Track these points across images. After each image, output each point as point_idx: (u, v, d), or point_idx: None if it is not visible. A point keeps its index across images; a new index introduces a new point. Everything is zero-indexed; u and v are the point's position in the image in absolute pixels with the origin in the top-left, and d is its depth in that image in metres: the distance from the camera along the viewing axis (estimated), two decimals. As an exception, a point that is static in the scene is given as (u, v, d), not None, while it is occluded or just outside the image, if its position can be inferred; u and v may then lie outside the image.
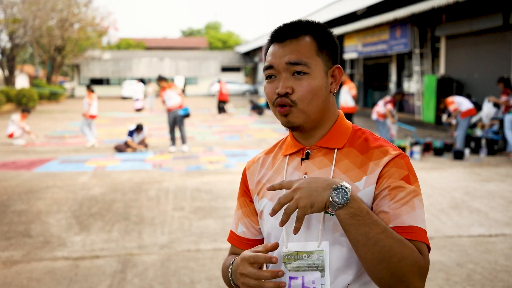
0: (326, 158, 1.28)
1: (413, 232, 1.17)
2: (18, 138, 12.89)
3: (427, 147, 10.40)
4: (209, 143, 12.54)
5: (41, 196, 6.99)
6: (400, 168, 1.22)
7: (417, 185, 1.23)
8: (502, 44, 13.38)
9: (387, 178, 1.21)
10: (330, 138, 1.30)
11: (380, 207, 1.20)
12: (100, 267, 4.42)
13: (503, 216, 5.85)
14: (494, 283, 3.99)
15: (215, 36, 60.27)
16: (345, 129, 1.32)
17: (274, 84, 1.28)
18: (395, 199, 1.19)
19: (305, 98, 1.25)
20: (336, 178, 1.21)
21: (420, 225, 1.19)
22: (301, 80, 1.25)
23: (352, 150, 1.28)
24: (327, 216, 1.23)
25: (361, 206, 1.14)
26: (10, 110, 23.28)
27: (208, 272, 4.28)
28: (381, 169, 1.22)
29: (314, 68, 1.26)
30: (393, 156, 1.23)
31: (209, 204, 6.53)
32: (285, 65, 1.26)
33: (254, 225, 1.41)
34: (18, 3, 28.83)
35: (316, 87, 1.26)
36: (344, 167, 1.26)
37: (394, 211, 1.18)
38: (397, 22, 17.02)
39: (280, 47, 1.28)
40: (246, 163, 1.48)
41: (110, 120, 19.26)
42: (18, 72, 32.85)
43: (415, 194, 1.21)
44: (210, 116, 20.81)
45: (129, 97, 33.84)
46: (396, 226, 1.17)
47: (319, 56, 1.28)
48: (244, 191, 1.44)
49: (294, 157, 1.33)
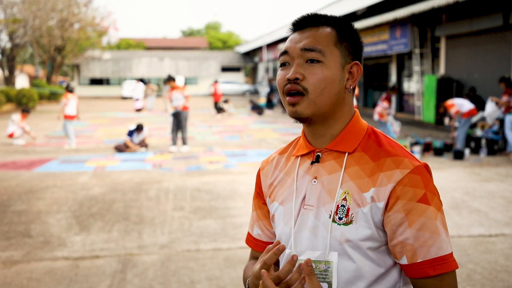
0: (337, 162, 1.22)
1: (443, 264, 1.13)
2: (18, 138, 12.89)
3: (427, 147, 10.40)
4: (209, 143, 12.54)
5: (41, 196, 6.99)
6: (415, 187, 1.13)
7: (436, 201, 1.15)
8: (502, 44, 13.38)
9: (401, 199, 1.13)
10: (341, 140, 1.23)
11: (399, 235, 1.14)
12: (100, 267, 4.42)
13: (503, 216, 5.85)
14: (494, 283, 3.99)
15: (215, 36, 60.27)
16: (359, 131, 1.25)
17: (286, 71, 1.23)
18: (415, 226, 1.13)
19: (317, 86, 1.18)
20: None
21: (447, 251, 1.14)
22: (313, 68, 1.19)
23: (363, 155, 1.21)
24: (334, 225, 1.18)
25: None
26: (10, 110, 23.28)
27: (208, 272, 4.28)
28: (393, 185, 1.14)
29: (330, 58, 1.20)
30: (407, 171, 1.14)
31: (209, 204, 6.53)
32: (299, 51, 1.21)
33: (268, 228, 1.37)
34: (18, 3, 28.84)
35: (329, 77, 1.19)
36: (354, 174, 1.19)
37: (419, 243, 1.13)
38: (397, 22, 17.02)
39: (299, 34, 1.24)
40: (261, 163, 1.42)
41: (110, 120, 19.26)
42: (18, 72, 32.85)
43: (435, 216, 1.14)
44: (209, 116, 20.81)
45: (129, 97, 33.85)
46: (425, 260, 1.13)
47: (337, 48, 1.22)
48: (257, 193, 1.40)
49: (305, 159, 1.28)
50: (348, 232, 1.16)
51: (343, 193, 1.19)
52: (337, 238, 1.17)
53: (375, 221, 1.16)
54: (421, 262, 1.13)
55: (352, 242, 1.16)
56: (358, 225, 1.16)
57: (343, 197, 1.19)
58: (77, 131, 14.99)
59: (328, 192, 1.21)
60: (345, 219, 1.17)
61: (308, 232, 1.21)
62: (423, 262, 1.13)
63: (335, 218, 1.18)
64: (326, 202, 1.20)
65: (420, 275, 1.14)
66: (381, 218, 1.16)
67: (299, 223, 1.24)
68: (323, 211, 1.20)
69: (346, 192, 1.19)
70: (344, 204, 1.18)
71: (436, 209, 1.15)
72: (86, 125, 17.50)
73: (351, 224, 1.17)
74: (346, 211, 1.18)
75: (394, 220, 1.14)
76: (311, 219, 1.21)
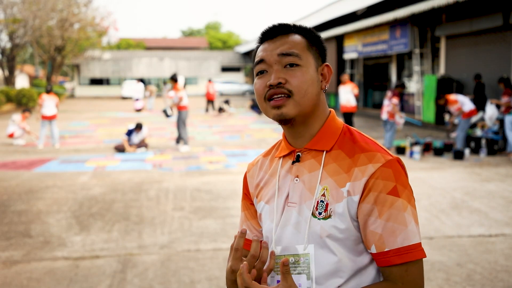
0: (316, 160, 1.28)
1: (408, 253, 1.18)
2: (18, 138, 12.90)
3: (427, 147, 10.40)
4: (209, 143, 12.54)
5: (41, 196, 6.99)
6: (386, 179, 1.20)
7: (406, 194, 1.21)
8: (502, 44, 13.38)
9: (373, 191, 1.19)
10: (319, 139, 1.29)
11: (370, 225, 1.20)
12: (100, 267, 4.42)
13: (503, 216, 5.85)
14: (494, 283, 3.99)
15: (215, 36, 60.27)
16: (335, 129, 1.30)
17: (265, 78, 1.26)
18: (384, 216, 1.19)
19: (301, 88, 1.23)
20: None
21: (413, 241, 1.19)
22: (293, 71, 1.24)
23: (340, 152, 1.27)
24: (314, 220, 1.24)
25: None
26: (10, 110, 23.29)
27: (208, 272, 4.28)
28: (366, 179, 1.20)
29: (306, 61, 1.26)
30: (379, 165, 1.21)
31: (209, 204, 6.53)
32: (276, 57, 1.25)
33: (256, 227, 1.42)
34: (18, 3, 28.84)
35: (309, 79, 1.25)
36: (332, 171, 1.25)
37: (387, 233, 1.18)
38: (397, 22, 17.02)
39: (271, 43, 1.28)
40: (247, 166, 1.49)
41: (110, 120, 19.26)
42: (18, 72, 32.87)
43: (404, 208, 1.19)
44: (210, 116, 20.81)
45: (129, 97, 33.85)
46: (391, 249, 1.18)
47: (310, 51, 1.28)
48: (245, 194, 1.46)
49: (287, 159, 1.34)
50: (328, 226, 1.22)
51: (322, 189, 1.25)
52: (317, 232, 1.23)
53: (351, 214, 1.22)
54: (387, 251, 1.19)
55: (332, 235, 1.22)
56: (336, 219, 1.22)
57: (322, 193, 1.25)
58: (77, 131, 15.00)
59: (308, 190, 1.27)
60: (324, 213, 1.23)
61: (292, 228, 1.27)
62: (389, 251, 1.19)
63: (315, 213, 1.24)
64: (307, 198, 1.26)
65: (387, 263, 1.20)
66: (356, 210, 1.22)
67: (283, 219, 1.30)
68: (305, 207, 1.26)
69: (325, 188, 1.25)
70: (323, 199, 1.24)
71: (406, 201, 1.20)
72: (86, 125, 17.50)
73: (329, 218, 1.23)
74: (325, 206, 1.24)
75: (365, 211, 1.21)
76: (294, 216, 1.28)
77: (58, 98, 12.46)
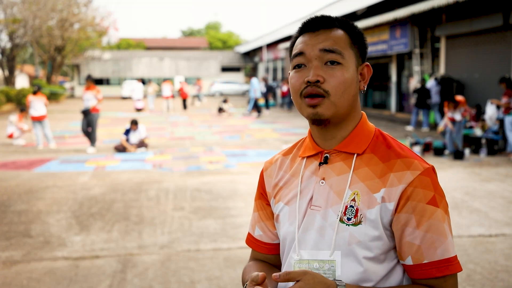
0: (345, 163, 1.22)
1: (448, 266, 1.14)
2: (18, 138, 12.89)
3: (427, 147, 10.40)
4: (209, 143, 12.54)
5: (41, 196, 6.99)
6: (425, 188, 1.15)
7: (444, 204, 1.17)
8: (502, 44, 13.38)
9: (411, 200, 1.14)
10: (350, 141, 1.23)
11: (407, 236, 1.15)
12: (100, 267, 4.42)
13: (503, 216, 5.85)
14: (494, 283, 3.99)
15: (215, 36, 60.26)
16: (368, 132, 1.25)
17: (303, 73, 1.20)
18: (423, 227, 1.14)
19: (338, 89, 1.18)
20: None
21: (453, 253, 1.15)
22: (334, 70, 1.18)
23: (373, 156, 1.21)
24: (342, 226, 1.18)
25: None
26: (10, 110, 23.29)
27: (208, 272, 4.28)
28: (404, 187, 1.15)
29: (348, 60, 1.20)
30: (418, 173, 1.15)
31: (209, 204, 6.53)
32: (318, 52, 1.19)
33: (271, 229, 1.36)
34: (18, 3, 28.83)
35: (348, 79, 1.19)
36: (363, 175, 1.19)
37: (426, 244, 1.14)
38: (397, 22, 17.02)
39: (313, 36, 1.22)
40: (264, 164, 1.42)
41: (110, 120, 19.25)
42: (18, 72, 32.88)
43: (443, 218, 1.16)
44: (210, 116, 20.82)
45: (129, 97, 33.84)
46: (430, 261, 1.14)
47: (352, 50, 1.22)
48: (261, 193, 1.39)
49: (312, 160, 1.27)
50: (357, 232, 1.17)
51: (352, 194, 1.19)
52: (345, 239, 1.18)
53: (383, 222, 1.16)
54: (426, 263, 1.14)
55: (362, 243, 1.16)
56: (367, 226, 1.16)
57: (352, 198, 1.19)
58: (77, 131, 14.98)
59: (336, 193, 1.21)
60: (354, 219, 1.17)
61: (315, 233, 1.21)
62: (428, 264, 1.14)
63: (343, 219, 1.18)
64: (334, 203, 1.20)
65: (425, 276, 1.15)
66: (390, 219, 1.17)
67: (305, 223, 1.23)
68: (331, 211, 1.20)
69: (356, 193, 1.19)
70: (353, 204, 1.18)
71: (444, 212, 1.17)
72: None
73: (360, 225, 1.17)
74: (355, 211, 1.18)
75: (403, 221, 1.15)
76: (318, 220, 1.22)
77: (45, 98, 12.36)
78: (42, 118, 11.98)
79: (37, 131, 12.05)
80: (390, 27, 17.84)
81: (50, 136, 12.09)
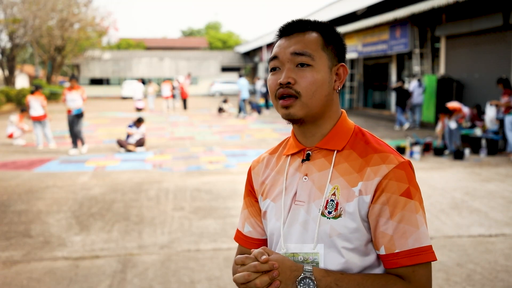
0: (326, 160, 1.28)
1: (419, 255, 1.17)
2: (18, 138, 12.89)
3: (427, 147, 10.40)
4: (209, 143, 12.54)
5: (41, 196, 6.99)
6: (400, 181, 1.20)
7: (418, 196, 1.21)
8: (502, 44, 13.38)
9: (385, 192, 1.19)
10: (330, 138, 1.29)
11: (380, 226, 1.19)
12: (100, 267, 4.42)
13: (503, 216, 5.85)
14: (494, 283, 3.99)
15: (215, 36, 60.27)
16: (347, 130, 1.31)
17: (277, 75, 1.27)
18: (396, 218, 1.18)
19: (309, 89, 1.23)
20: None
21: (424, 243, 1.18)
22: (304, 72, 1.24)
23: (352, 152, 1.27)
24: (323, 219, 1.23)
25: (327, 283, 1.16)
26: (10, 110, 23.29)
27: (208, 272, 4.28)
28: (379, 179, 1.20)
29: (318, 62, 1.25)
30: (392, 166, 1.21)
31: (209, 204, 6.53)
32: (289, 55, 1.25)
33: (260, 224, 1.42)
34: (18, 3, 28.84)
35: (319, 80, 1.24)
36: (343, 170, 1.25)
37: (398, 234, 1.18)
38: (397, 22, 17.02)
39: (287, 40, 1.28)
40: (252, 162, 1.48)
41: (110, 120, 19.26)
42: (18, 72, 32.88)
43: (417, 210, 1.19)
44: (210, 116, 20.82)
45: (129, 97, 33.84)
46: (401, 251, 1.17)
47: (324, 51, 1.27)
48: (249, 191, 1.45)
49: (296, 158, 1.33)
50: (337, 225, 1.22)
51: (333, 189, 1.24)
52: (326, 232, 1.23)
53: (361, 214, 1.21)
54: (397, 253, 1.18)
55: (342, 235, 1.21)
56: (346, 218, 1.21)
57: (332, 192, 1.24)
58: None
59: (318, 188, 1.26)
60: (334, 213, 1.23)
61: (299, 226, 1.27)
62: (399, 253, 1.18)
63: (324, 212, 1.23)
64: (316, 197, 1.26)
65: (395, 265, 1.19)
66: (367, 211, 1.22)
67: (290, 218, 1.29)
68: (313, 206, 1.26)
69: (336, 188, 1.24)
70: (333, 199, 1.23)
71: (418, 203, 1.21)
72: (86, 125, 17.48)
73: (340, 218, 1.22)
74: (335, 205, 1.23)
75: (377, 212, 1.20)
76: (302, 214, 1.27)
77: (44, 97, 12.30)
78: (42, 118, 11.96)
79: (37, 131, 12.04)
80: (390, 27, 17.84)
81: (50, 136, 12.08)
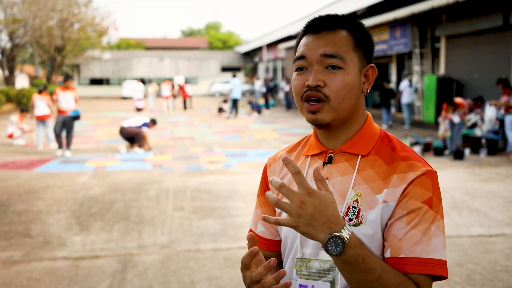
0: (349, 164, 1.22)
1: (425, 265, 1.11)
2: (18, 138, 12.90)
3: (427, 147, 10.40)
4: (209, 143, 12.54)
5: (41, 196, 6.99)
6: (424, 188, 1.14)
7: (439, 209, 1.16)
8: (502, 44, 13.37)
9: (408, 197, 1.14)
10: (355, 142, 1.23)
11: (393, 229, 1.14)
12: (100, 267, 4.42)
13: (503, 216, 5.85)
14: (494, 283, 3.99)
15: (215, 36, 60.26)
16: (373, 134, 1.25)
17: (304, 76, 1.20)
18: (411, 223, 1.13)
19: (339, 94, 1.17)
20: (338, 216, 1.08)
21: (434, 256, 1.12)
22: (335, 75, 1.17)
23: (377, 158, 1.21)
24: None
25: (356, 253, 1.05)
26: (10, 110, 23.29)
27: (208, 272, 4.28)
28: (405, 186, 1.15)
29: (350, 64, 1.19)
30: (419, 174, 1.15)
31: (209, 204, 6.53)
32: (319, 57, 1.18)
33: (274, 226, 1.35)
34: (18, 3, 28.84)
35: (350, 83, 1.18)
36: (367, 177, 1.19)
37: (406, 239, 1.12)
38: (397, 22, 17.02)
39: (315, 38, 1.21)
40: (267, 160, 1.41)
41: (110, 120, 19.26)
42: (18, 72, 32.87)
43: (433, 220, 1.14)
44: (210, 116, 20.82)
45: (129, 97, 33.84)
46: (407, 257, 1.12)
47: (355, 52, 1.20)
48: (264, 189, 1.38)
49: (316, 159, 1.27)
50: (358, 233, 1.16)
51: (355, 195, 1.19)
52: None
53: (383, 222, 1.16)
54: (402, 258, 1.12)
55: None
56: (367, 226, 1.16)
57: (354, 199, 1.19)
58: (77, 131, 14.96)
59: (339, 193, 1.20)
60: (355, 220, 1.17)
61: None
62: (404, 258, 1.12)
63: (344, 219, 1.17)
64: (337, 203, 1.18)
65: (400, 270, 1.12)
66: (389, 217, 1.16)
67: None
68: None
69: (359, 194, 1.19)
70: (355, 205, 1.18)
71: (437, 215, 1.15)
72: (86, 125, 17.49)
73: (360, 225, 1.17)
74: (357, 212, 1.17)
75: (397, 215, 1.15)
76: None
77: (50, 97, 12.28)
78: (45, 117, 11.97)
79: (39, 131, 12.04)
80: (390, 27, 17.84)
81: (51, 136, 12.08)
